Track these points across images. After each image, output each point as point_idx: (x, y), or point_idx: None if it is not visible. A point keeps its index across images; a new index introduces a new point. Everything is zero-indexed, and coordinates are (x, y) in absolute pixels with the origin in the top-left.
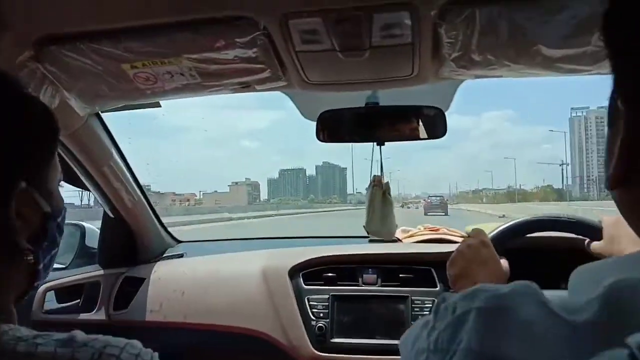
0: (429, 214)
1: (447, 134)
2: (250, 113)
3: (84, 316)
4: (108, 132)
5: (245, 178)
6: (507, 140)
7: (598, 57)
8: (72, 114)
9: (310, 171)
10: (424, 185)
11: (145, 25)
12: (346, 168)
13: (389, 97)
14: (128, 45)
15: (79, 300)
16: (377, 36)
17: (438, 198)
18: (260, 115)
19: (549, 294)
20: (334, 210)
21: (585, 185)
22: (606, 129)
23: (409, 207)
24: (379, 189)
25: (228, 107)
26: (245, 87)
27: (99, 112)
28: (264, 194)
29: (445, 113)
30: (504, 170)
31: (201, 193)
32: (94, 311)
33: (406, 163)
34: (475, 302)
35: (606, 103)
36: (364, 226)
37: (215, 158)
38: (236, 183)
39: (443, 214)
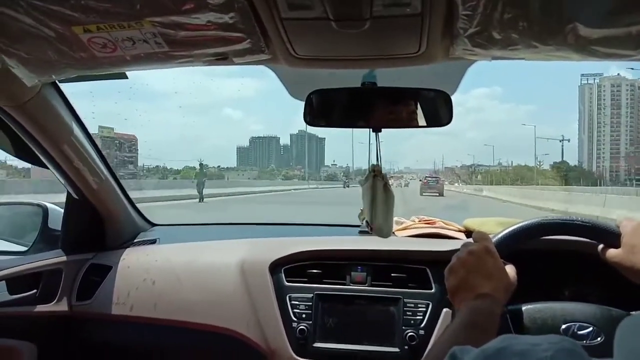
0: (424, 194)
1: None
2: (235, 81)
3: (41, 308)
4: (68, 104)
5: (100, 127)
6: (491, 119)
7: None
8: (19, 84)
9: (285, 140)
10: (406, 160)
11: None
12: (324, 138)
13: (387, 76)
14: (77, 3)
15: (36, 290)
16: (380, 4)
17: (434, 179)
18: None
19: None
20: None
21: (595, 165)
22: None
23: (391, 184)
24: (380, 180)
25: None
26: (222, 59)
27: (56, 81)
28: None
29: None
30: (491, 149)
31: None
32: (54, 302)
33: (389, 137)
34: None
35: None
36: (366, 222)
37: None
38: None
39: (438, 194)
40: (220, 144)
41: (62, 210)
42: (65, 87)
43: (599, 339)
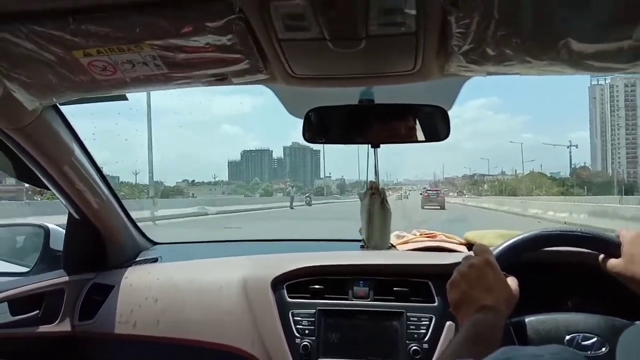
0: (425, 207)
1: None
2: (232, 98)
3: (44, 328)
4: (69, 126)
5: None
6: (488, 129)
7: (637, 53)
8: (20, 107)
9: (278, 153)
10: (405, 172)
11: (96, 5)
12: (319, 151)
13: (384, 93)
14: (78, 29)
15: (38, 311)
16: (375, 24)
17: (435, 192)
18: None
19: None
20: None
21: (610, 170)
22: None
23: (389, 195)
24: (377, 197)
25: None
26: (221, 79)
27: (57, 104)
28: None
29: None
30: (494, 157)
31: None
32: (56, 322)
33: (388, 149)
34: None
35: None
36: (362, 239)
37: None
38: None
39: (439, 207)
40: (215, 160)
41: (64, 231)
42: (65, 108)
43: (603, 349)
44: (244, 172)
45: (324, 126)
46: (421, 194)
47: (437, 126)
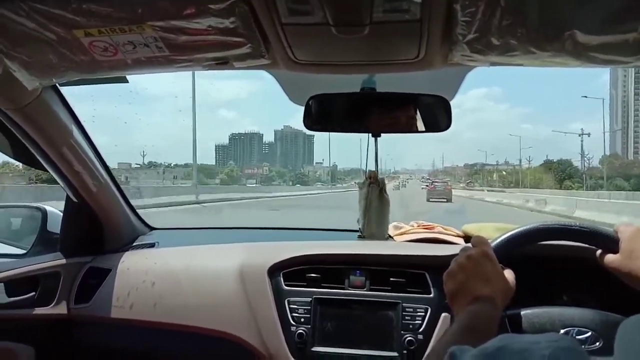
0: (431, 199)
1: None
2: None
3: (39, 311)
4: (68, 107)
5: None
6: (488, 118)
7: None
8: (20, 87)
9: (269, 137)
10: (403, 161)
11: None
12: (313, 136)
13: (386, 82)
14: (79, 8)
15: (34, 293)
16: (380, 10)
17: (442, 183)
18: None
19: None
20: None
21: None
22: None
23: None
24: (376, 187)
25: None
26: (222, 63)
27: (57, 85)
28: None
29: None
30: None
31: None
32: (52, 304)
33: (386, 137)
34: None
35: None
36: (359, 228)
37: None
38: None
39: (446, 200)
40: (209, 145)
41: (61, 214)
42: (65, 90)
43: (597, 343)
44: (231, 156)
45: (325, 113)
46: (426, 185)
47: (438, 116)
